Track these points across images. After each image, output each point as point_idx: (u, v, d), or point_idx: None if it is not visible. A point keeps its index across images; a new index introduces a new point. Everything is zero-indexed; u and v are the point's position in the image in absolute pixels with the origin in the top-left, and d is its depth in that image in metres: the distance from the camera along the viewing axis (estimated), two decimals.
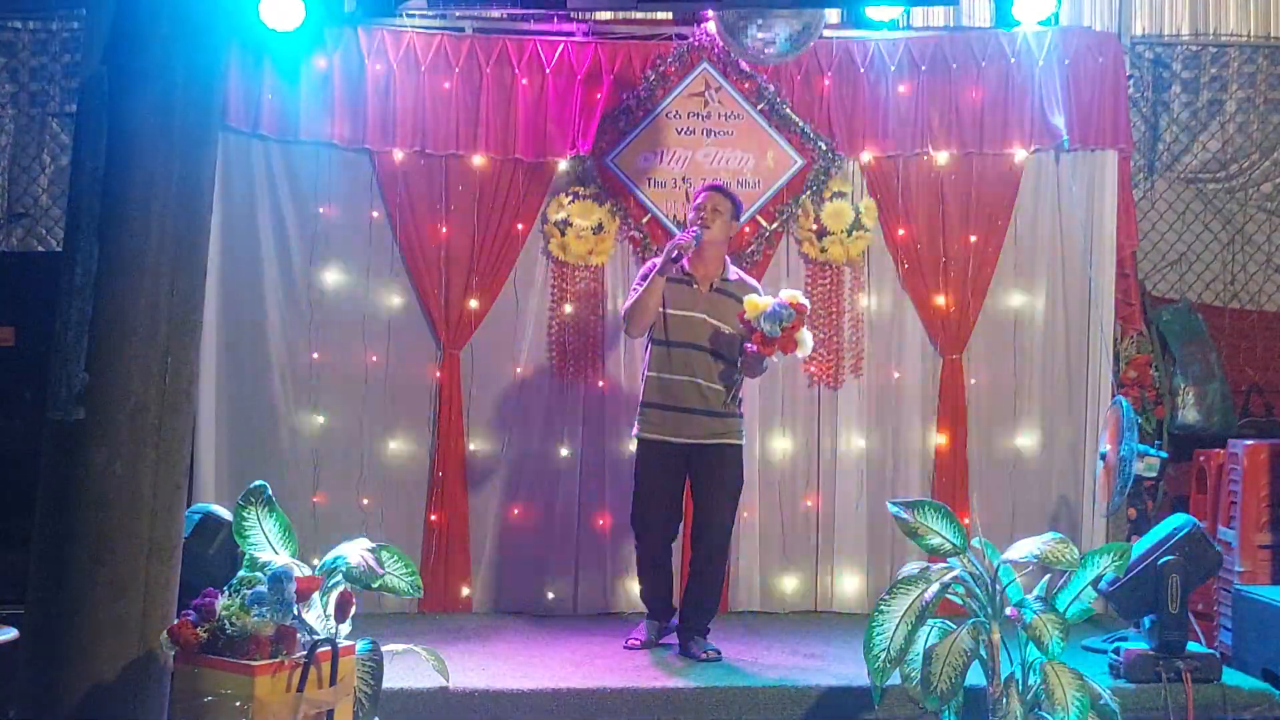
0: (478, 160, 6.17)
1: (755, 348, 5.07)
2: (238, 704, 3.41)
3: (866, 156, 6.29)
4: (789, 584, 6.29)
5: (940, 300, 6.28)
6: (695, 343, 5.20)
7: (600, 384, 6.21)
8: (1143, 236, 6.66)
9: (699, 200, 5.32)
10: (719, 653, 5.18)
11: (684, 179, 6.25)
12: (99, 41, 3.69)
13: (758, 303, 5.04)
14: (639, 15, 6.25)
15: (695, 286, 5.26)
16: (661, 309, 5.23)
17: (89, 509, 3.59)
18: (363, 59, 6.08)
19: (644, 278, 5.29)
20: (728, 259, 5.42)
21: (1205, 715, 4.70)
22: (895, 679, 4.21)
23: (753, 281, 5.45)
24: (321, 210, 6.16)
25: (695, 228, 5.22)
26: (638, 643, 5.28)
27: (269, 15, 5.82)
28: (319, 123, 6.07)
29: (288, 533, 3.93)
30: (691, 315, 5.22)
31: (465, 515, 6.17)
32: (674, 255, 5.15)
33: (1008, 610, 4.26)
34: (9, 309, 5.29)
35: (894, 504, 4.46)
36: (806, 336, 5.11)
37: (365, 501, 6.13)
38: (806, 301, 5.16)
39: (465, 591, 6.15)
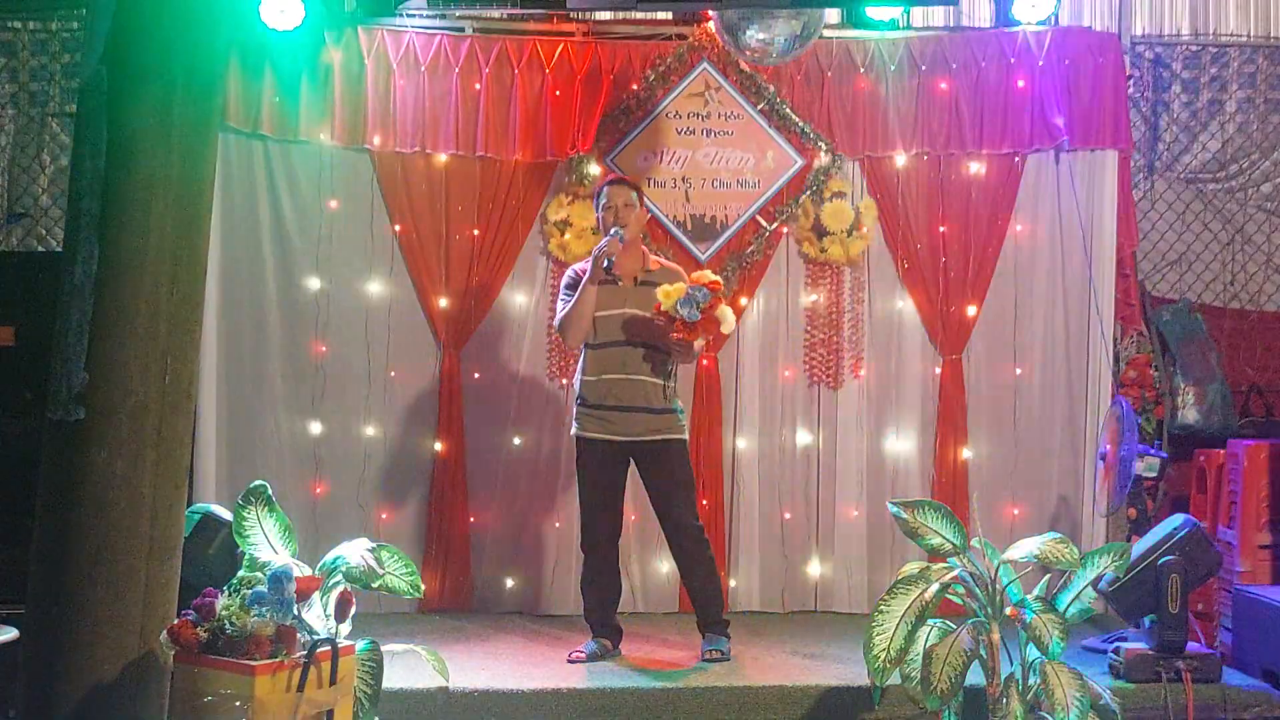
0: (478, 160, 6.17)
1: (679, 336, 5.01)
2: (238, 704, 3.41)
3: (866, 156, 6.29)
4: (789, 584, 6.29)
5: (940, 300, 6.28)
6: (627, 340, 5.13)
7: None
8: (1143, 236, 6.66)
9: (606, 199, 5.19)
10: (723, 654, 5.16)
11: (684, 179, 6.25)
12: (99, 41, 3.69)
13: (670, 291, 4.98)
14: (639, 15, 6.24)
15: (621, 284, 5.18)
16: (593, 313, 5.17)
17: (89, 509, 3.59)
18: (363, 59, 6.08)
19: (567, 288, 5.22)
20: (645, 249, 5.36)
21: (1205, 715, 4.70)
22: (895, 679, 4.21)
23: (675, 267, 5.40)
24: (321, 210, 6.16)
25: (615, 229, 5.13)
26: (582, 656, 5.17)
27: (269, 15, 5.83)
28: (319, 123, 6.07)
29: (288, 533, 3.93)
30: (620, 313, 5.15)
31: (465, 515, 6.18)
32: (605, 264, 5.08)
33: (1008, 610, 4.26)
34: (9, 309, 5.30)
35: (894, 504, 4.46)
36: (727, 312, 5.05)
37: (365, 501, 6.14)
38: (719, 278, 5.13)
39: (465, 591, 6.15)
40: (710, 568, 5.30)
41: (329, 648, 3.60)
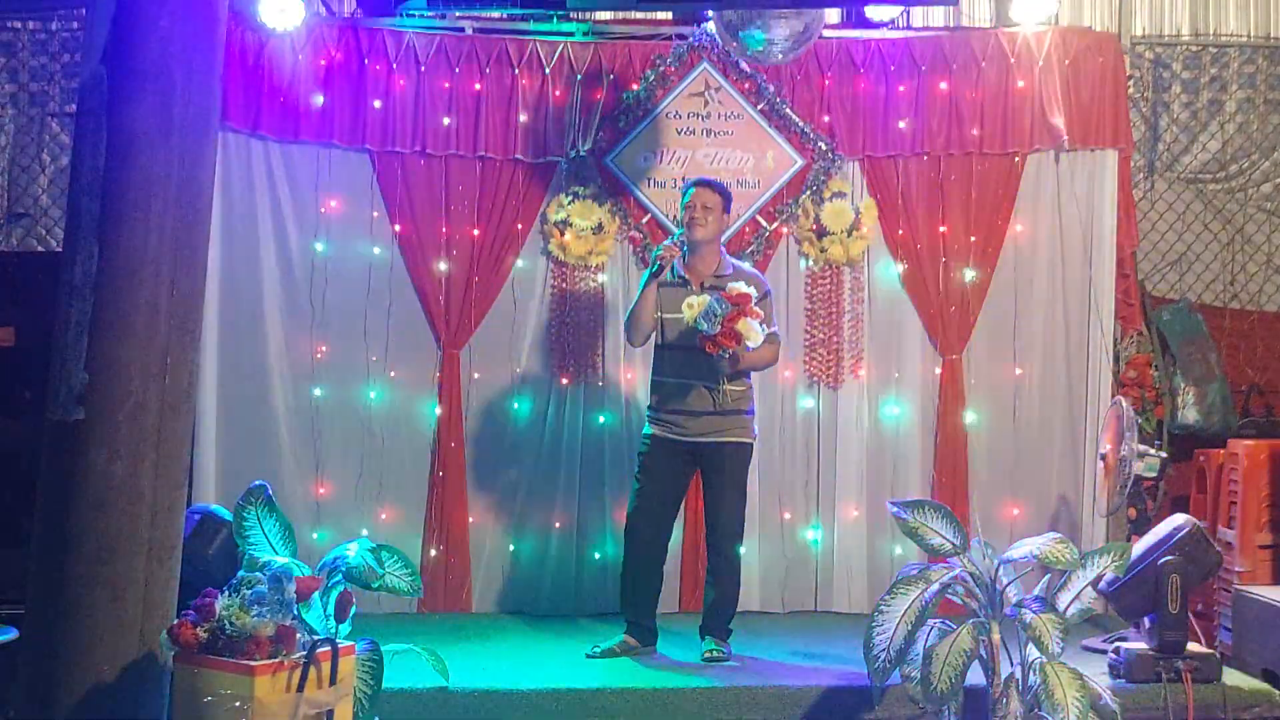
0: (478, 160, 6.17)
1: (703, 348, 4.98)
2: (238, 704, 3.41)
3: (866, 156, 6.29)
4: (789, 584, 6.29)
5: (940, 300, 6.28)
6: (691, 344, 5.10)
7: (600, 383, 6.21)
8: (1143, 236, 6.66)
9: (689, 199, 5.24)
10: (724, 656, 5.15)
11: (684, 179, 6.20)
12: (99, 41, 3.69)
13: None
14: (639, 15, 6.24)
15: (689, 287, 5.20)
16: (659, 314, 5.20)
17: (89, 509, 3.59)
18: (363, 59, 6.08)
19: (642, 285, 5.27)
20: (724, 252, 5.38)
21: (1205, 715, 4.70)
22: (895, 679, 4.21)
23: (752, 270, 5.41)
24: (321, 210, 6.16)
25: (678, 230, 5.16)
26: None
27: (269, 15, 5.82)
28: (319, 123, 6.07)
29: (288, 533, 3.93)
30: (685, 316, 5.13)
31: (465, 515, 6.17)
32: (656, 268, 5.14)
33: (1007, 610, 4.26)
34: (9, 309, 5.30)
35: (894, 504, 4.46)
36: (750, 325, 4.94)
37: (364, 502, 6.13)
38: (751, 290, 5.01)
39: (465, 591, 6.16)
40: (737, 578, 5.32)
41: (329, 648, 3.60)
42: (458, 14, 6.14)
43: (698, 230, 5.17)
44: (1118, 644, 4.95)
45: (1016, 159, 6.29)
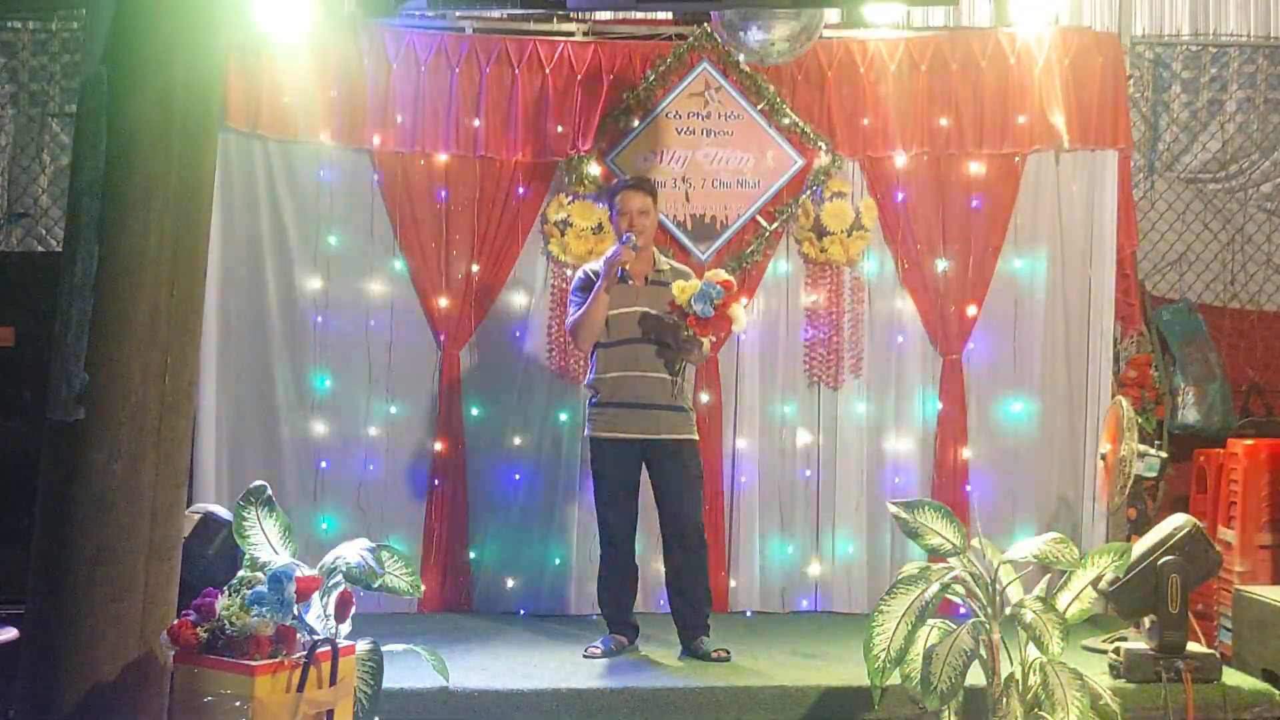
0: (478, 160, 6.18)
1: (692, 331, 5.07)
2: (238, 704, 3.41)
3: (866, 156, 6.29)
4: (789, 584, 6.29)
5: (940, 300, 6.28)
6: (639, 338, 5.20)
7: None
8: (1143, 236, 6.66)
9: (621, 205, 5.27)
10: (729, 653, 5.16)
11: (684, 179, 6.25)
12: (99, 41, 3.69)
13: (685, 287, 5.06)
14: (639, 15, 6.25)
15: (632, 283, 5.25)
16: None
17: (89, 509, 3.58)
18: (362, 59, 6.09)
19: (578, 290, 5.29)
20: (655, 249, 5.44)
21: (1205, 715, 4.70)
22: (895, 679, 4.21)
23: (683, 268, 5.46)
24: (321, 210, 6.16)
25: (628, 235, 5.20)
26: (598, 652, 5.21)
27: (269, 15, 5.82)
28: (319, 123, 6.07)
29: (288, 533, 3.93)
30: (632, 311, 5.22)
31: (465, 515, 6.18)
32: (618, 274, 5.17)
33: (1007, 610, 4.26)
34: (9, 309, 5.29)
35: (894, 504, 4.46)
36: (739, 311, 5.15)
37: (365, 502, 6.14)
38: (732, 278, 5.22)
39: (465, 591, 6.16)
40: (706, 568, 5.35)
41: (329, 648, 3.60)
42: (458, 14, 6.15)
43: (640, 236, 5.23)
44: (1118, 644, 4.95)
45: (1016, 159, 6.30)
